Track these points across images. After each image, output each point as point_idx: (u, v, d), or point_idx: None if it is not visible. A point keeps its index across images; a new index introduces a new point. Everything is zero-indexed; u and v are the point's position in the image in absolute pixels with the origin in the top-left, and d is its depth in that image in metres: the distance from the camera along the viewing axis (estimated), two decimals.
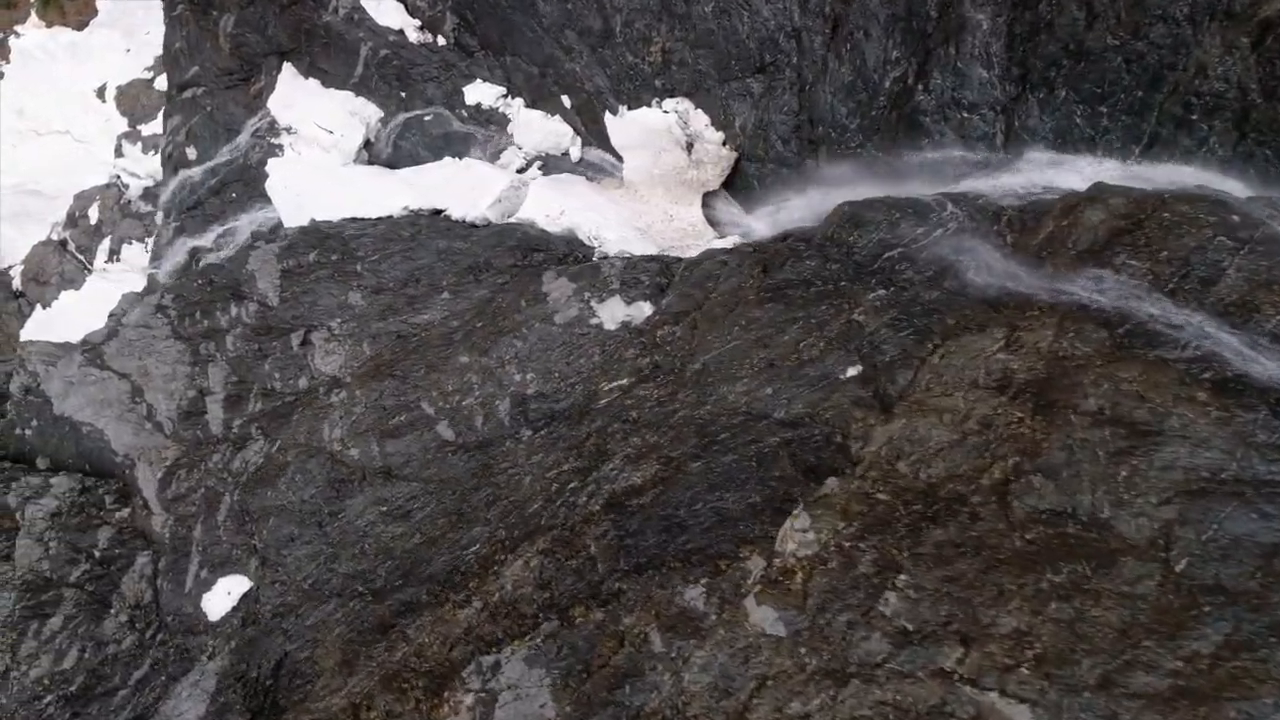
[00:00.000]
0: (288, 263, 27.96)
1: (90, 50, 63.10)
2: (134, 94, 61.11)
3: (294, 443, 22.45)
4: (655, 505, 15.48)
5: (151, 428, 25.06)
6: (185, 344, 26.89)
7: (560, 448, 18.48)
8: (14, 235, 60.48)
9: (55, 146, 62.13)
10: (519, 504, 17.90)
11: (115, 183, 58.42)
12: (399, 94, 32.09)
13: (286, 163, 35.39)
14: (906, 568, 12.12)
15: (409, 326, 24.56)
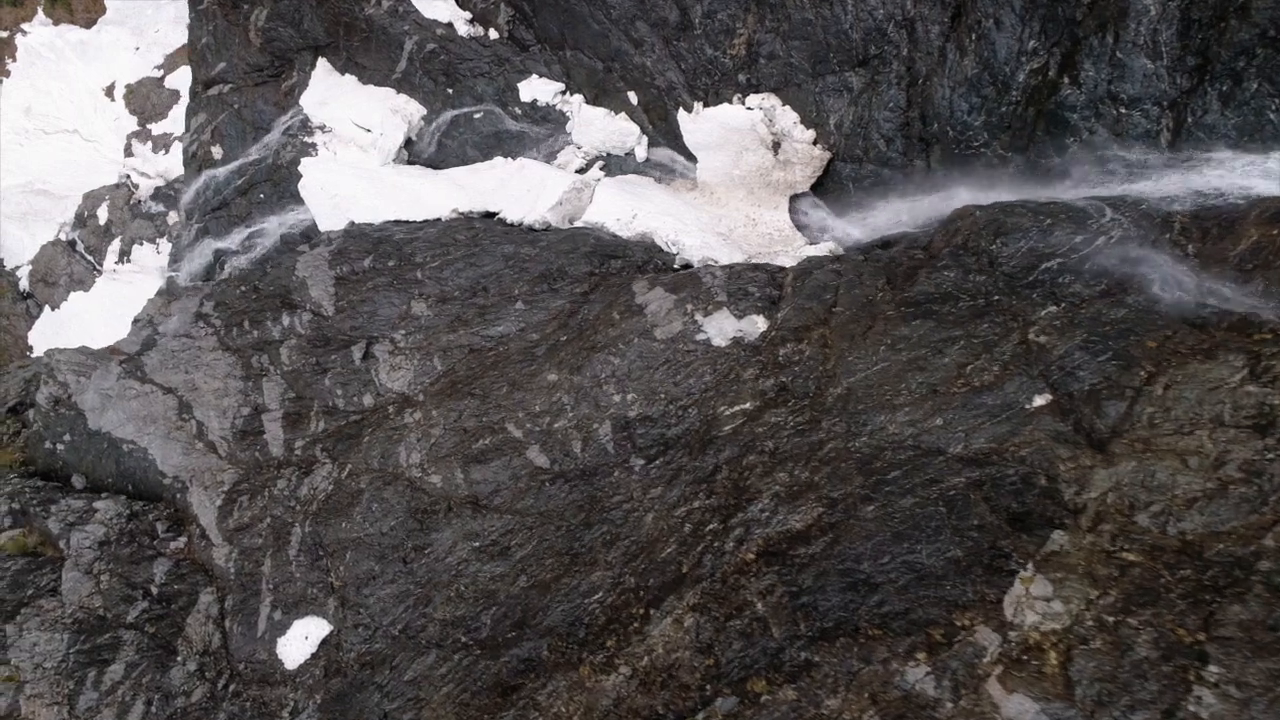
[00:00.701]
0: (341, 269, 25.20)
1: (99, 48, 60.22)
2: (144, 92, 58.02)
3: (366, 467, 19.76)
4: (829, 557, 12.91)
5: (203, 447, 22.32)
6: (235, 356, 24.14)
7: (684, 481, 15.86)
8: (21, 235, 57.57)
9: (63, 145, 59.21)
10: (645, 546, 15.30)
11: (125, 182, 55.51)
12: (445, 90, 29.34)
13: (321, 162, 32.62)
14: (1213, 656, 9.46)
15: (482, 339, 21.89)
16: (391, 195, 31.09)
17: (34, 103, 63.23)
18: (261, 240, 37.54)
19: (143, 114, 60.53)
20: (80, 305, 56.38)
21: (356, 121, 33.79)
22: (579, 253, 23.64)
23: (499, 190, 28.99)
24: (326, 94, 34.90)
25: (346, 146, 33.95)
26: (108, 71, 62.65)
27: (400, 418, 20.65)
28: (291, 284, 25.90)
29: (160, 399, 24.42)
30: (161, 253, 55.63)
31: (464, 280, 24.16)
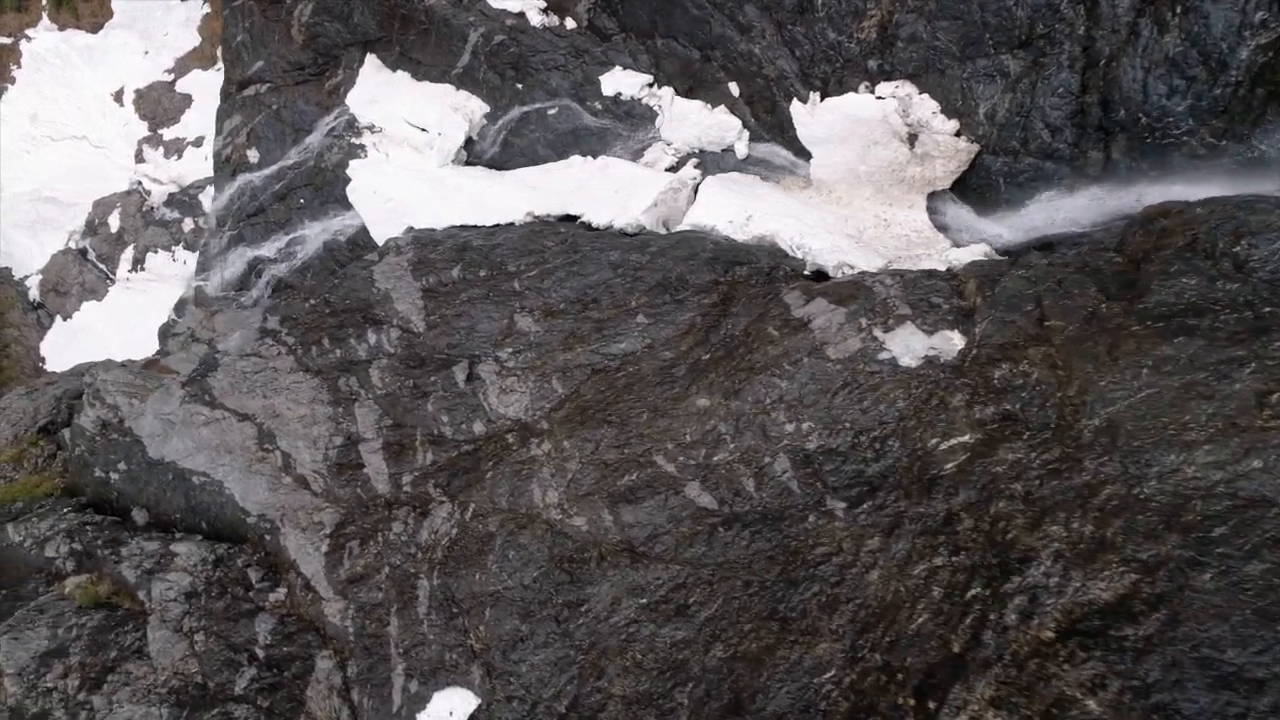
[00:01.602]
0: (427, 280, 21.98)
1: (106, 53, 57.31)
2: (154, 97, 54.51)
3: (494, 507, 16.64)
4: (1172, 641, 9.78)
5: (292, 482, 19.07)
6: (319, 379, 20.87)
7: (910, 532, 12.75)
8: (30, 244, 54.67)
9: (72, 152, 56.26)
10: (880, 613, 12.16)
11: (136, 189, 52.37)
12: (514, 86, 26.06)
13: (372, 165, 29.27)
14: None
15: (604, 358, 18.77)
16: (454, 198, 27.78)
17: (40, 109, 59.55)
18: (302, 248, 34.08)
19: (154, 119, 56.80)
20: (94, 315, 52.98)
21: (410, 121, 30.40)
22: (699, 259, 20.43)
23: (579, 192, 25.69)
24: (376, 92, 31.46)
25: (399, 147, 30.54)
26: (116, 76, 59.05)
27: (526, 449, 17.40)
28: (372, 297, 22.53)
29: (236, 427, 21.05)
30: (177, 260, 52.11)
31: (569, 291, 20.92)
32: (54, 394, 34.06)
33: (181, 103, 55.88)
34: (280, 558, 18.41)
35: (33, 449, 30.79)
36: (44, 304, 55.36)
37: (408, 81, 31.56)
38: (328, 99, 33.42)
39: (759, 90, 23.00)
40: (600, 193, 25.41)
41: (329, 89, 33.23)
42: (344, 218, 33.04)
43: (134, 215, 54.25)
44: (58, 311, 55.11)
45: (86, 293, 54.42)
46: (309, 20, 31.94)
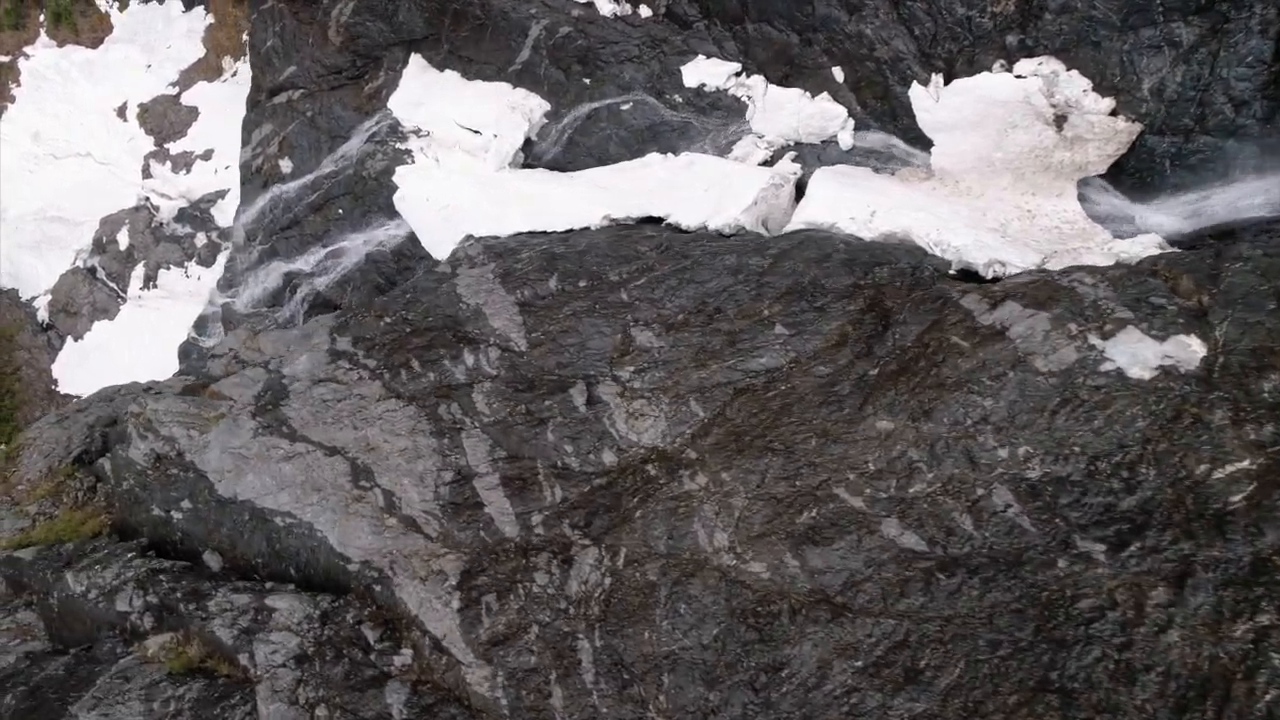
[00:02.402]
0: (522, 293, 19.20)
1: (107, 68, 55.17)
2: (160, 111, 51.56)
3: (649, 552, 13.85)
4: None
5: (399, 525, 16.24)
6: (415, 406, 18.11)
7: (1211, 581, 10.19)
8: (36, 264, 52.68)
9: (76, 170, 54.72)
10: (1197, 685, 9.67)
11: (145, 205, 50.09)
12: (580, 81, 23.18)
13: (420, 171, 26.39)
14: None
15: (745, 376, 16.04)
16: (515, 203, 25.02)
17: (42, 127, 56.53)
18: (341, 260, 31.13)
19: (159, 133, 53.70)
20: (106, 335, 50.25)
21: (462, 123, 27.46)
22: (833, 261, 17.73)
23: (661, 192, 22.92)
24: (422, 94, 28.47)
25: (450, 151, 27.56)
26: (118, 91, 56.08)
27: (677, 483, 14.62)
28: (461, 313, 19.68)
29: (324, 462, 18.22)
30: (191, 276, 49.16)
31: (685, 300, 18.14)
32: (85, 421, 31.06)
33: (188, 116, 52.76)
34: (397, 612, 15.49)
35: (70, 481, 27.84)
36: (54, 325, 52.40)
37: (457, 81, 28.56)
38: (367, 103, 30.35)
39: (868, 75, 20.20)
40: (687, 192, 22.55)
41: (368, 93, 30.18)
42: (388, 227, 30.07)
43: (143, 232, 51.13)
44: (68, 332, 52.10)
45: (98, 312, 51.38)
46: (348, 20, 28.88)
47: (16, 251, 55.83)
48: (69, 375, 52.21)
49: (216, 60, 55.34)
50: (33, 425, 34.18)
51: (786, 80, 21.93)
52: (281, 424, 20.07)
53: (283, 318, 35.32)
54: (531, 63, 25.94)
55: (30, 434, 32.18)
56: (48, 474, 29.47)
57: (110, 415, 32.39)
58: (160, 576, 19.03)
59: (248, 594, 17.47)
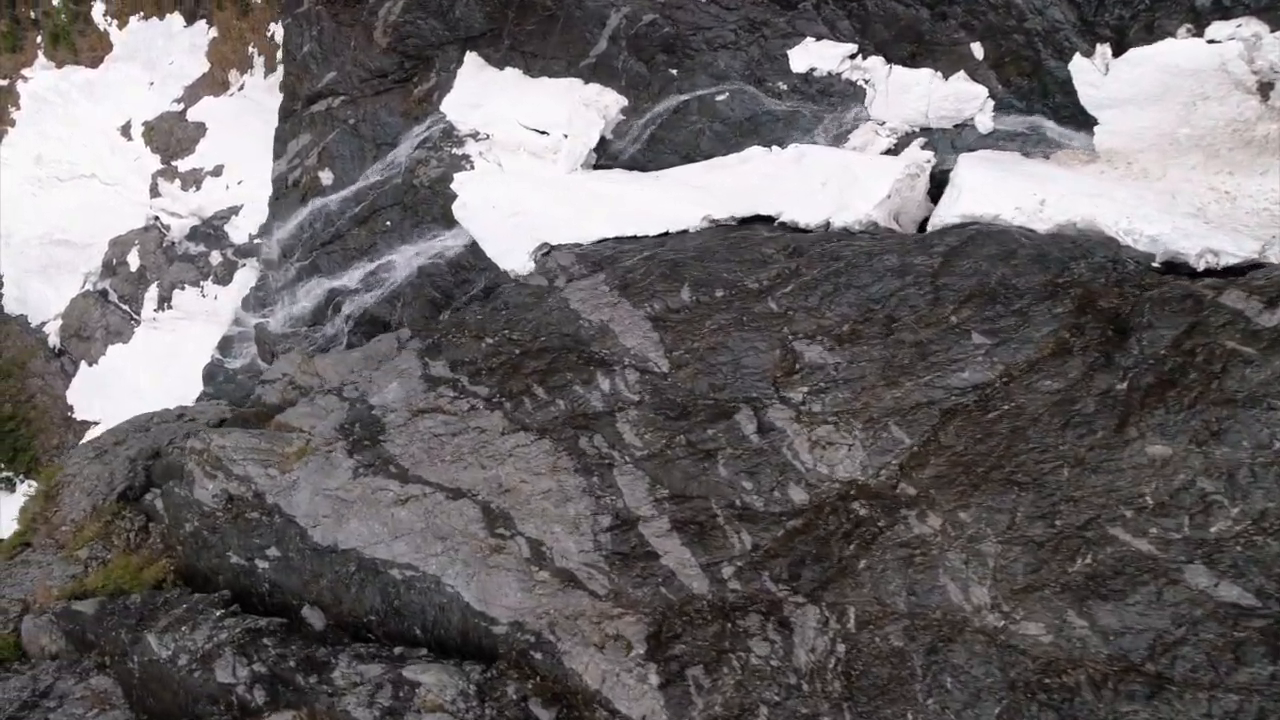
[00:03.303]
0: (651, 306, 16.23)
1: (108, 87, 53.38)
2: (166, 128, 48.41)
3: (885, 611, 11.01)
4: None
5: (554, 579, 13.28)
6: (550, 440, 15.11)
7: None
8: (45, 289, 50.33)
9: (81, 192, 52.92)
10: None
11: (154, 224, 47.48)
12: (666, 72, 20.11)
13: (482, 176, 23.18)
14: None
15: (949, 394, 13.17)
16: (595, 207, 22.09)
17: (44, 150, 53.29)
18: (390, 275, 28.02)
19: (166, 151, 50.29)
20: (121, 358, 47.37)
21: (526, 123, 24.29)
22: (1020, 257, 14.91)
23: (768, 188, 20.02)
24: (479, 94, 25.21)
25: (514, 155, 24.38)
26: (121, 110, 53.01)
27: (902, 525, 11.75)
28: (583, 331, 16.58)
29: (448, 506, 15.19)
30: (207, 295, 46.06)
31: (847, 308, 15.14)
32: (126, 455, 27.74)
33: (195, 132, 49.35)
34: (569, 685, 12.54)
35: (119, 521, 24.54)
36: (66, 350, 49.26)
37: (519, 79, 25.35)
38: (416, 107, 27.05)
39: (1014, 49, 17.34)
40: (801, 187, 19.57)
41: (417, 96, 26.88)
42: (444, 238, 26.84)
43: (154, 252, 47.69)
44: (82, 357, 48.74)
45: (111, 335, 48.00)
46: (398, 19, 25.61)
47: (23, 277, 52.85)
48: (85, 401, 48.94)
49: (222, 74, 51.81)
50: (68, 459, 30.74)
51: (913, 60, 18.93)
52: (387, 463, 16.85)
53: (325, 337, 31.87)
54: (608, 55, 22.77)
55: (68, 470, 28.74)
56: (92, 514, 26.17)
57: (151, 447, 29.05)
58: (264, 640, 15.96)
59: (378, 663, 14.31)
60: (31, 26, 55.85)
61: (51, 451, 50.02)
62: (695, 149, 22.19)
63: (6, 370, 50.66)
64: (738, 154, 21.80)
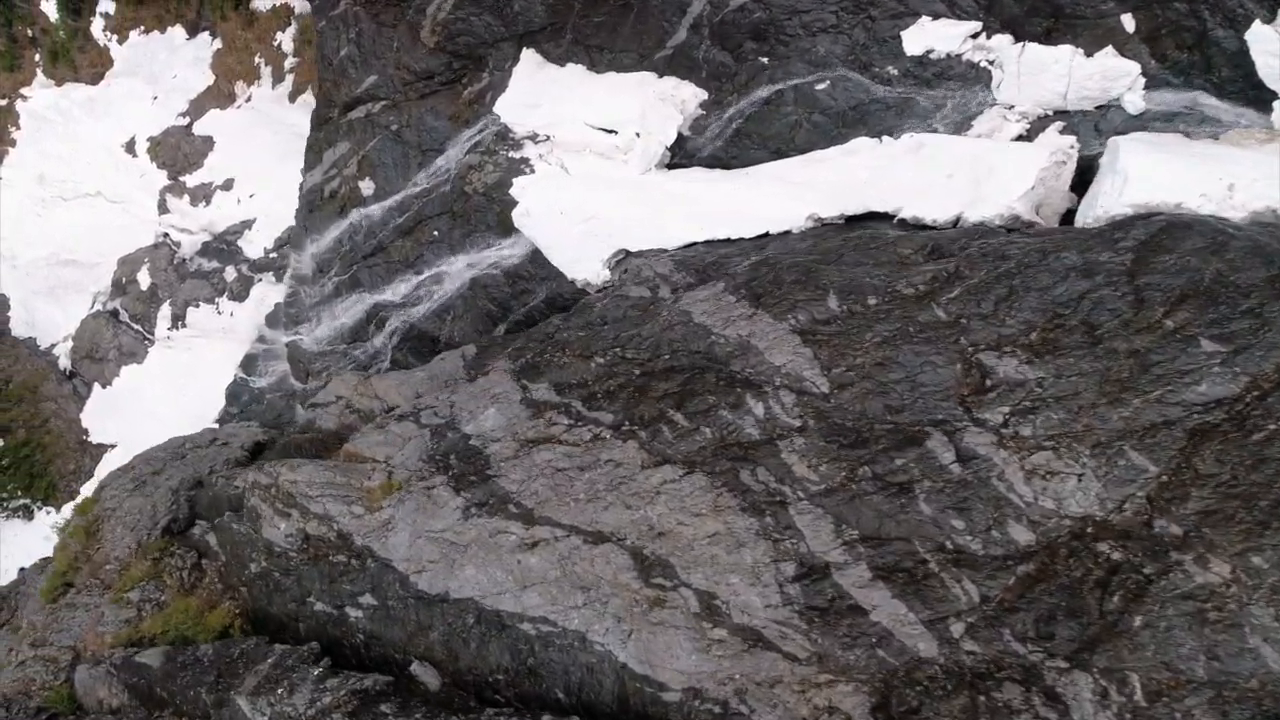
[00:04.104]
0: (795, 318, 13.88)
1: (110, 103, 50.93)
2: (172, 143, 45.71)
3: (1177, 679, 8.78)
4: None
5: (735, 638, 10.81)
6: (704, 474, 12.96)
7: None
8: (53, 311, 48.44)
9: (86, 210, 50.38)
10: None
11: (164, 241, 44.62)
12: (755, 61, 17.83)
13: (544, 181, 20.67)
14: None
15: (1190, 411, 11.25)
16: (676, 208, 19.94)
17: (46, 170, 50.53)
18: (439, 288, 25.41)
19: (173, 166, 47.46)
20: (136, 379, 44.76)
21: (592, 122, 21.80)
22: (1234, 250, 12.80)
23: (881, 182, 17.76)
24: (537, 93, 22.59)
25: (579, 156, 21.77)
26: (124, 126, 50.32)
27: (1179, 573, 9.85)
28: (717, 349, 14.08)
29: (589, 552, 12.79)
30: (223, 313, 43.39)
31: (1029, 315, 12.83)
32: (168, 486, 25.23)
33: (202, 146, 46.54)
34: None
35: (169, 559, 21.82)
36: (78, 372, 46.70)
37: (583, 76, 22.72)
38: (466, 110, 24.35)
39: (1173, 20, 14.95)
40: (921, 180, 17.12)
41: (467, 98, 24.18)
42: (499, 247, 24.22)
43: (165, 269, 44.81)
44: (95, 379, 45.97)
45: (124, 356, 45.22)
46: (448, 17, 22.95)
47: (30, 299, 50.32)
48: (100, 424, 46.17)
49: (228, 86, 48.88)
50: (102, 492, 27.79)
51: (1049, 37, 16.38)
52: (504, 501, 14.26)
53: (366, 354, 29.07)
54: (687, 45, 20.17)
55: (107, 504, 26.03)
56: (138, 551, 23.54)
57: (192, 477, 26.36)
58: (381, 707, 13.26)
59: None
60: (29, 44, 52.71)
61: (69, 477, 47.07)
62: (789, 143, 19.61)
63: (18, 395, 47.63)
64: (841, 146, 19.27)
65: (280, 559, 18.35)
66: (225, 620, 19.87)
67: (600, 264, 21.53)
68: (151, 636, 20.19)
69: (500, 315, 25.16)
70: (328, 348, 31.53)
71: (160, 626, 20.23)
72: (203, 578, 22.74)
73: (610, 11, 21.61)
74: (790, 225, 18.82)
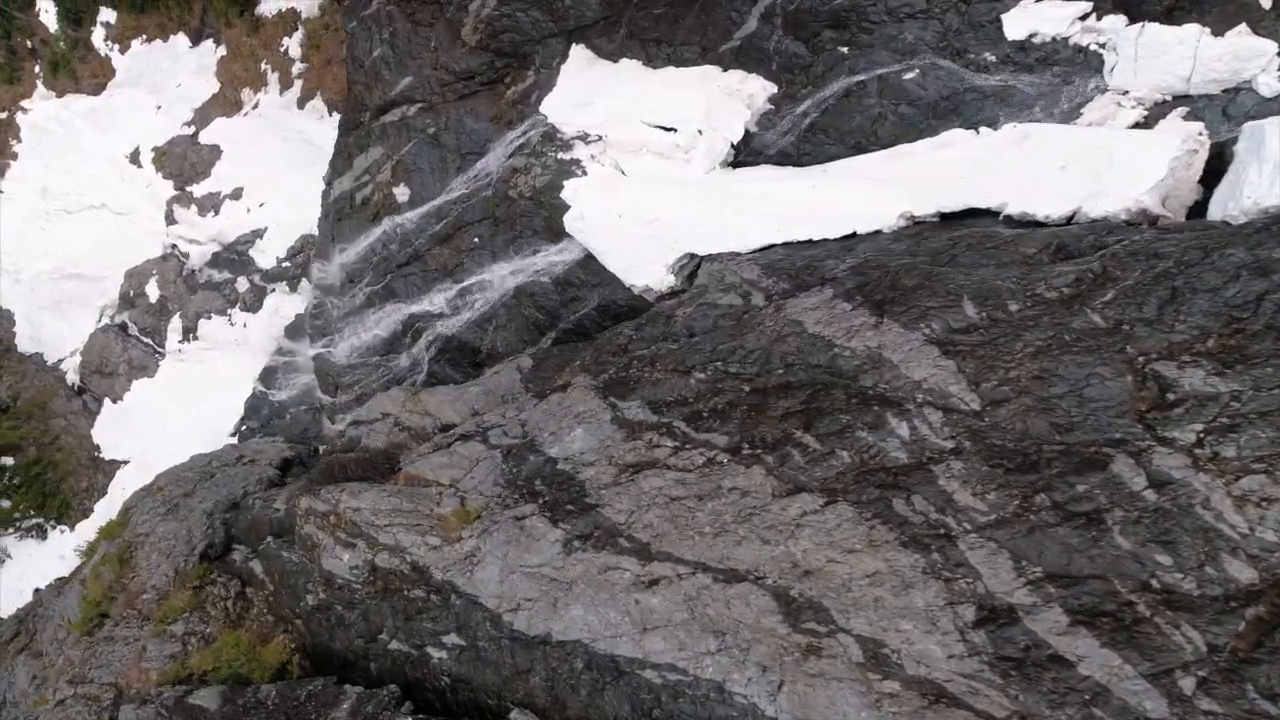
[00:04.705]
0: (930, 328, 12.15)
1: (113, 113, 49.34)
2: (178, 153, 43.92)
3: None
4: None
5: (912, 693, 9.44)
6: (848, 503, 11.14)
7: None
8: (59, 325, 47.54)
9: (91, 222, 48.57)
10: None
11: (172, 253, 42.61)
12: (833, 51, 16.20)
13: (598, 183, 19.04)
14: None
15: None
16: (753, 208, 18.21)
17: (49, 182, 48.60)
18: (479, 296, 23.37)
19: (180, 176, 45.48)
20: (148, 393, 42.95)
21: (649, 120, 20.07)
22: None
23: (980, 176, 16.13)
24: (588, 91, 20.82)
25: (636, 156, 20.00)
26: (128, 137, 48.42)
27: None
28: (843, 363, 12.39)
29: (722, 593, 11.47)
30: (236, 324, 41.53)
31: (1200, 318, 11.63)
32: (202, 509, 23.64)
33: (209, 155, 44.58)
34: None
35: (211, 588, 20.08)
36: (87, 388, 44.92)
37: (638, 72, 20.91)
38: (509, 111, 22.48)
39: None
40: (1029, 173, 15.47)
41: (510, 98, 22.32)
42: (547, 253, 22.41)
43: (174, 281, 42.87)
44: (105, 394, 44.15)
45: (135, 370, 43.32)
46: (492, 13, 21.06)
47: (35, 313, 48.65)
48: (112, 440, 44.20)
49: (234, 94, 46.81)
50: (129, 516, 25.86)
51: (1171, 16, 14.60)
52: (611, 534, 12.48)
53: (401, 367, 27.17)
54: (757, 36, 18.34)
55: (138, 528, 24.25)
56: (176, 579, 21.76)
57: (226, 499, 24.57)
58: None
59: None
60: (28, 56, 50.41)
61: (82, 495, 44.99)
62: (871, 137, 17.84)
63: (27, 412, 45.50)
64: (931, 139, 17.49)
65: (342, 591, 16.49)
66: (281, 656, 18.05)
67: (663, 269, 19.73)
68: (201, 673, 18.44)
69: (548, 324, 23.30)
70: (358, 360, 29.58)
71: (210, 662, 18.44)
72: (249, 608, 20.94)
73: (672, 3, 19.76)
74: (881, 224, 17.05)
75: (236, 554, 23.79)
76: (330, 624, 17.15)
